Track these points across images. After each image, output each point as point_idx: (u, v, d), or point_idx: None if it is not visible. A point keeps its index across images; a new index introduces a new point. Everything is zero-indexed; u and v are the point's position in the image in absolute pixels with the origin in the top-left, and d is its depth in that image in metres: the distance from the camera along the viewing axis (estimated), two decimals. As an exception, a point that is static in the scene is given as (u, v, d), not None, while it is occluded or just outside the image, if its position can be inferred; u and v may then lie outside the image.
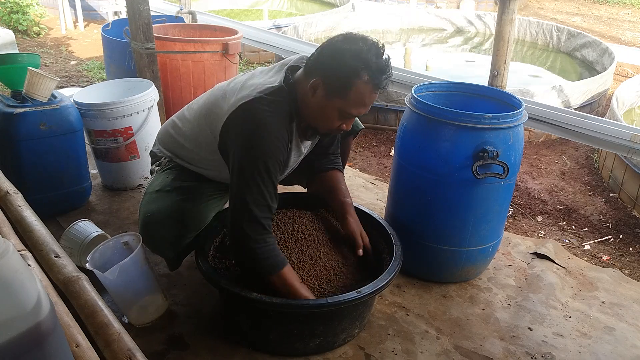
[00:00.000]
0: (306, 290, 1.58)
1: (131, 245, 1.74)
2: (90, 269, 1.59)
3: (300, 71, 1.60)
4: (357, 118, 1.98)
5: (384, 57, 1.52)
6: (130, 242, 1.74)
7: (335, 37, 1.55)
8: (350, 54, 1.48)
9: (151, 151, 1.98)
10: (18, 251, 0.82)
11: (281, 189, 2.20)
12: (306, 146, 1.78)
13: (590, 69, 5.63)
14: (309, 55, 1.61)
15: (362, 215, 1.97)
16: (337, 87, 1.50)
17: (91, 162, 2.56)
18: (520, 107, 1.88)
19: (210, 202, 1.81)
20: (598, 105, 4.56)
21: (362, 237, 1.82)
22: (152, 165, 1.96)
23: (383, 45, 1.54)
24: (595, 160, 3.70)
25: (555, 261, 2.25)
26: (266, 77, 1.63)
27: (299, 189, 2.16)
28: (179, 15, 4.04)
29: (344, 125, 1.61)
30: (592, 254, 2.53)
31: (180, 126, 1.83)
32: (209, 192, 1.81)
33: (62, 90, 2.73)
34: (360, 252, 1.78)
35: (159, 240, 1.71)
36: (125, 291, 1.69)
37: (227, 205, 1.97)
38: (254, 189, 1.50)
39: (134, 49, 2.84)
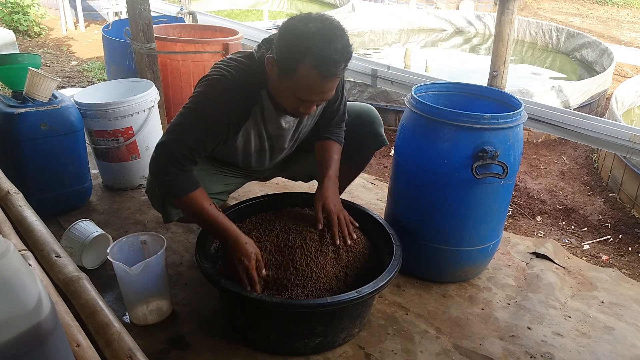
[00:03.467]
0: (215, 211, 1.58)
1: (149, 244, 1.76)
2: (113, 261, 1.61)
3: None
4: (382, 132, 1.96)
5: (339, 43, 1.39)
6: (148, 241, 1.75)
7: (296, 16, 1.46)
8: (297, 35, 1.39)
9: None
10: (19, 251, 0.83)
11: (284, 188, 2.22)
12: (289, 121, 1.70)
13: (589, 69, 5.64)
14: None
15: (362, 215, 1.98)
16: (284, 68, 1.45)
17: (92, 162, 2.56)
18: (520, 107, 1.88)
19: (216, 175, 1.85)
20: (597, 106, 4.56)
21: (339, 218, 1.72)
22: None
23: (342, 31, 1.42)
24: (595, 160, 3.71)
25: (555, 261, 2.26)
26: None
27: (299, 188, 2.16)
28: (180, 15, 4.05)
29: (302, 108, 1.53)
30: (592, 254, 2.54)
31: None
32: (217, 166, 1.87)
33: (62, 91, 2.74)
34: (320, 226, 1.71)
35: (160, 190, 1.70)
36: (139, 289, 1.70)
37: (231, 188, 2.00)
38: (186, 129, 1.52)
39: (134, 49, 2.84)
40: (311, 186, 2.18)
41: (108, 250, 1.64)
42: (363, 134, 1.94)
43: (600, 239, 2.70)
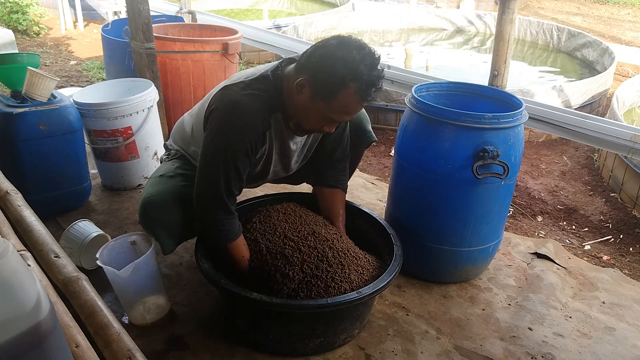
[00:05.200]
0: (244, 261, 1.65)
1: (138, 245, 1.74)
2: (102, 266, 1.60)
3: (292, 65, 1.58)
4: (370, 129, 1.99)
5: (378, 68, 1.46)
6: (137, 241, 1.74)
7: (330, 40, 1.49)
8: (341, 62, 1.42)
9: (164, 144, 2.02)
10: (18, 251, 0.82)
11: (287, 188, 2.21)
12: (297, 142, 1.74)
13: (590, 68, 5.63)
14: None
15: (362, 216, 1.97)
16: (323, 92, 1.47)
17: (91, 162, 2.56)
18: (521, 107, 1.87)
19: None
20: (598, 105, 4.55)
21: None
22: (163, 155, 2.00)
23: (379, 56, 1.48)
24: (596, 160, 3.70)
25: (556, 261, 2.25)
26: (259, 69, 1.64)
27: (299, 189, 2.15)
28: (179, 15, 4.04)
29: (326, 127, 1.59)
30: (593, 254, 2.53)
31: (187, 122, 1.86)
32: None
33: (61, 90, 2.73)
34: None
35: (156, 221, 1.70)
36: (133, 290, 1.70)
37: None
38: (215, 171, 1.54)
39: (133, 48, 2.84)
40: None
41: (97, 255, 1.62)
42: (352, 133, 1.93)
43: (601, 239, 2.69)
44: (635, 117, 4.34)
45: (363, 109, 2.01)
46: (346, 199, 1.98)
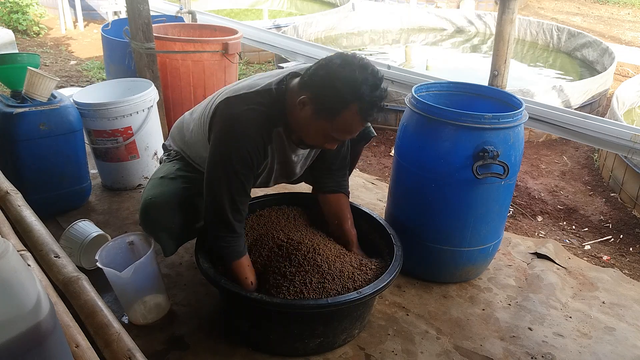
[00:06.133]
0: (246, 283, 1.62)
1: (136, 245, 1.74)
2: (102, 267, 1.60)
3: (296, 80, 1.57)
4: (369, 125, 1.98)
5: (380, 87, 1.45)
6: (135, 242, 1.74)
7: (334, 58, 1.47)
8: (344, 83, 1.41)
9: (163, 144, 2.02)
10: (18, 251, 0.82)
11: (287, 188, 2.21)
12: (299, 154, 1.74)
13: (590, 68, 5.63)
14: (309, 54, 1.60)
15: (362, 216, 1.97)
16: (324, 110, 1.46)
17: (91, 162, 2.56)
18: (521, 107, 1.87)
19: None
20: (598, 105, 4.55)
21: None
22: (163, 156, 1.99)
23: (382, 76, 1.47)
24: (596, 160, 3.70)
25: (556, 261, 2.25)
26: (263, 79, 1.62)
27: (299, 189, 2.15)
28: (179, 15, 4.04)
29: (327, 145, 1.59)
30: (593, 254, 2.53)
31: (187, 123, 1.85)
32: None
33: (61, 90, 2.73)
34: None
35: (157, 224, 1.70)
36: (133, 290, 1.70)
37: None
38: (218, 184, 1.54)
39: (133, 48, 2.84)
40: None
41: (97, 257, 1.62)
42: None
43: (601, 239, 2.69)
44: (635, 117, 4.34)
45: None
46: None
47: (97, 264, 1.60)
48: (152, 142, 2.60)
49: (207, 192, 1.58)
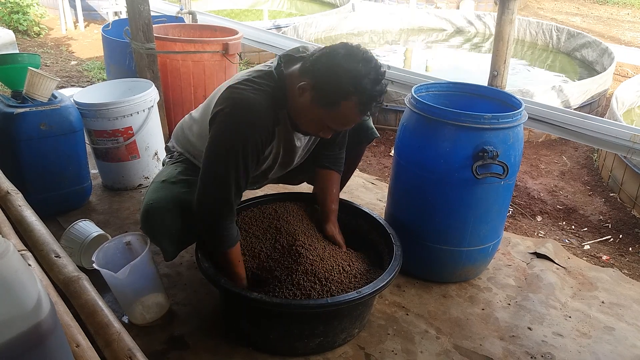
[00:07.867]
0: (240, 270, 1.63)
1: (133, 245, 1.74)
2: (98, 269, 1.60)
3: (296, 66, 1.56)
4: (372, 125, 1.99)
5: (382, 82, 1.45)
6: (132, 241, 1.74)
7: (338, 48, 1.47)
8: (346, 74, 1.41)
9: (166, 146, 2.01)
10: (18, 251, 0.82)
11: (287, 188, 2.21)
12: (299, 138, 1.73)
13: (590, 69, 5.63)
14: (307, 47, 1.59)
15: (362, 215, 1.98)
16: (323, 99, 1.46)
17: (91, 162, 2.56)
18: (520, 107, 1.88)
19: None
20: (598, 105, 4.55)
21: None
22: (165, 158, 1.98)
23: (384, 71, 1.47)
24: (595, 160, 3.70)
25: (555, 261, 2.25)
26: (261, 66, 1.63)
27: (299, 189, 2.15)
28: (179, 15, 4.04)
29: (322, 133, 1.58)
30: (592, 254, 2.53)
31: (191, 124, 1.85)
32: None
33: (62, 91, 2.73)
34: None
35: (158, 228, 1.69)
36: (131, 290, 1.70)
37: None
38: (225, 171, 1.50)
39: (134, 49, 2.84)
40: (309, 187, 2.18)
41: (93, 258, 1.62)
42: (354, 129, 1.92)
43: (601, 239, 2.69)
44: (634, 117, 4.35)
45: None
46: (346, 199, 1.99)
47: (94, 264, 1.59)
48: (152, 142, 2.60)
49: (209, 178, 1.53)
